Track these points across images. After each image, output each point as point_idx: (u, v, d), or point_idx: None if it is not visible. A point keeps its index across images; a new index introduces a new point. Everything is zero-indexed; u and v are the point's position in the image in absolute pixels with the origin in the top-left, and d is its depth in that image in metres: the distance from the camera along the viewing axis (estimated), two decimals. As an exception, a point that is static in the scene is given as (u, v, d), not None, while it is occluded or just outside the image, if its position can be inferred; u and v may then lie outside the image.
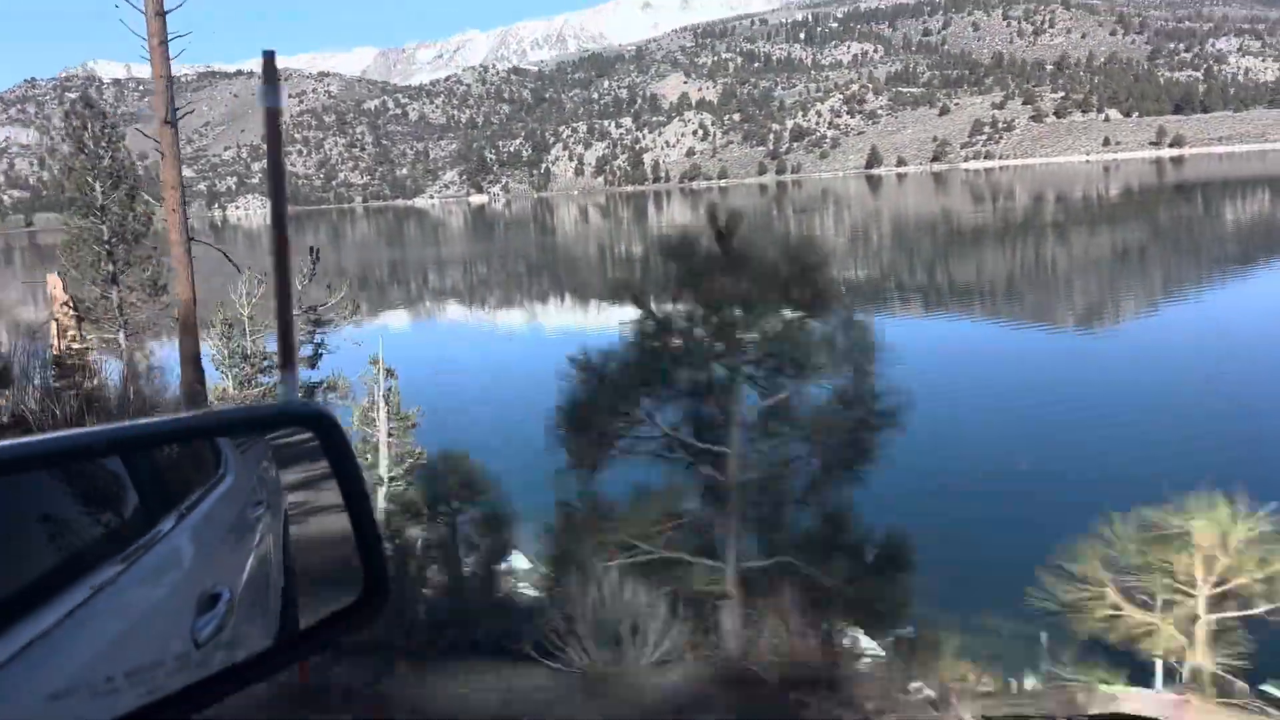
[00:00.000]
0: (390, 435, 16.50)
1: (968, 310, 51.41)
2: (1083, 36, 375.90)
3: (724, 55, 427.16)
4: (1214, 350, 33.58)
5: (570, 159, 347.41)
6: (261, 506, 1.62)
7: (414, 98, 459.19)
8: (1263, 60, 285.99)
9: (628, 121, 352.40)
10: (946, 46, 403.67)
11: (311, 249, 19.81)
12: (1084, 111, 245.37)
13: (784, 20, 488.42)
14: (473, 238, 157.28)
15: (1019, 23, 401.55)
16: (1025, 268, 69.68)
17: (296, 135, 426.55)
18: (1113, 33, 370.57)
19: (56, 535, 1.08)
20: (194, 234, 14.27)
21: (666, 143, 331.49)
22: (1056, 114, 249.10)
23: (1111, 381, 31.09)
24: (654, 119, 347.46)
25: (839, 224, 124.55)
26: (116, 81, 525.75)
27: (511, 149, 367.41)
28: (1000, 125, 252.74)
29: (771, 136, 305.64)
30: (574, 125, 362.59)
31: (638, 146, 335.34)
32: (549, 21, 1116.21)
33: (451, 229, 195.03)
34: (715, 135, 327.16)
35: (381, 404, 16.40)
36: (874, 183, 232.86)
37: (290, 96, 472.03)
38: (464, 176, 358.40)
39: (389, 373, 17.36)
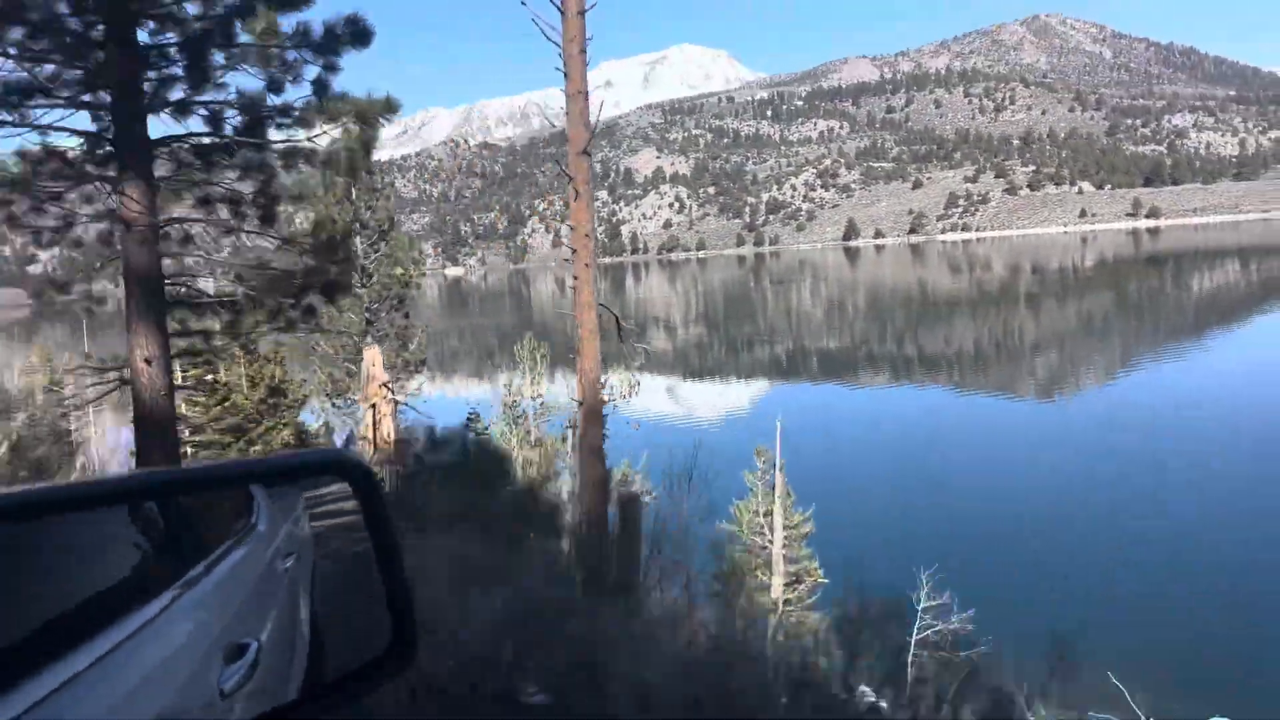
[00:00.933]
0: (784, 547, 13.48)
1: (941, 380, 50.11)
2: (1042, 113, 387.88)
3: (694, 131, 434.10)
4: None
5: (547, 231, 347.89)
6: (292, 557, 1.62)
7: (384, 171, 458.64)
8: (1221, 135, 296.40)
9: (604, 194, 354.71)
10: (910, 123, 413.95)
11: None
12: (1056, 184, 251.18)
13: (749, 99, 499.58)
14: (510, 306, 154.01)
15: (980, 100, 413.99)
16: (1008, 337, 68.56)
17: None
18: (1071, 109, 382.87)
19: (89, 578, 1.07)
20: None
21: (644, 215, 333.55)
22: (1030, 187, 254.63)
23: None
24: (629, 192, 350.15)
25: (816, 295, 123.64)
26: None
27: (487, 222, 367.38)
28: (975, 198, 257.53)
29: (747, 209, 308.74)
30: (550, 198, 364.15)
31: (615, 219, 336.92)
32: (512, 99, 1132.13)
33: (461, 298, 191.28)
34: (691, 207, 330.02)
35: (778, 506, 13.43)
36: (852, 254, 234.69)
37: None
38: (439, 249, 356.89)
39: (775, 464, 14.36)
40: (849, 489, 24.54)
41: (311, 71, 7.93)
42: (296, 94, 7.86)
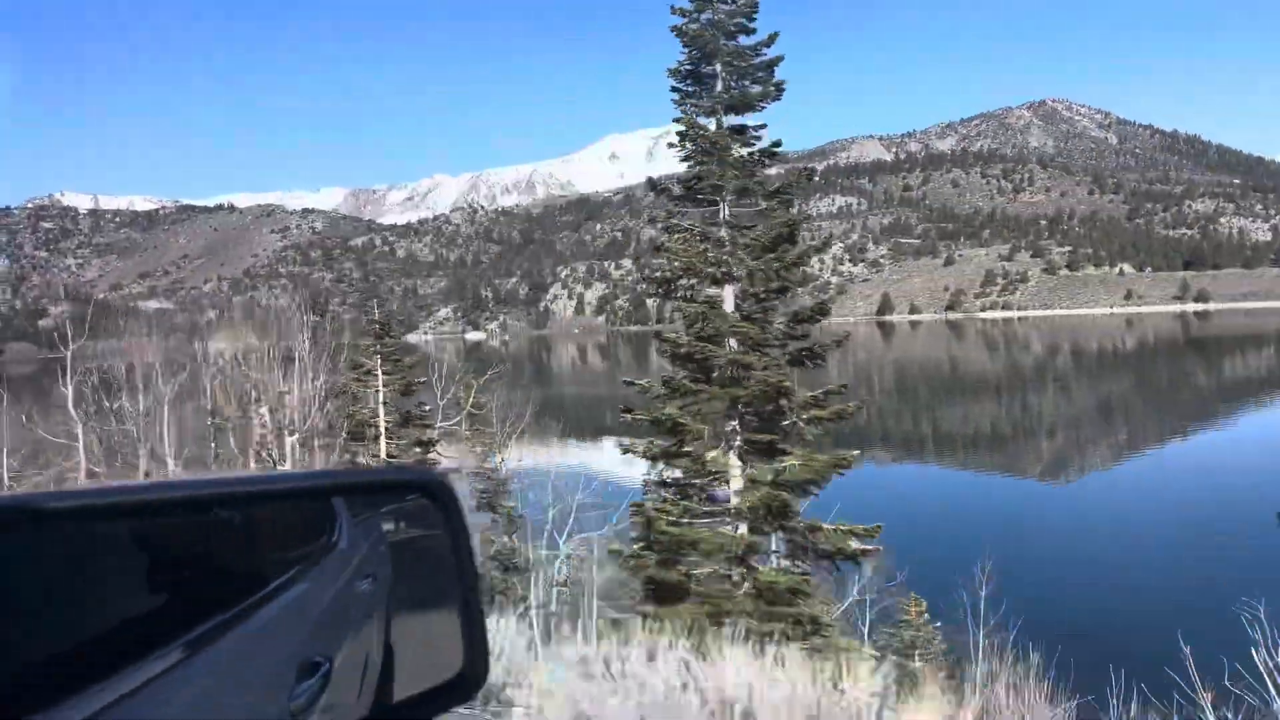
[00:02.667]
0: None
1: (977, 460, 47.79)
2: (1061, 195, 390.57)
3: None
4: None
5: (570, 297, 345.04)
6: (369, 579, 1.62)
7: (402, 235, 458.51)
8: (1253, 221, 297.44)
9: (628, 263, 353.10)
10: (928, 201, 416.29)
11: None
12: (1096, 265, 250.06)
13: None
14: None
15: (998, 180, 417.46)
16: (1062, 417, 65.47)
17: (281, 270, 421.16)
18: (1090, 192, 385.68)
19: (168, 585, 1.07)
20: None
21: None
22: (1069, 267, 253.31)
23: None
24: (654, 261, 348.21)
25: (889, 371, 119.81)
26: (93, 212, 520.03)
27: (508, 287, 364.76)
28: (1013, 276, 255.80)
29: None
30: (573, 265, 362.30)
31: (639, 287, 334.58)
32: (518, 168, 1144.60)
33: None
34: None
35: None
36: (887, 329, 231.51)
37: (273, 232, 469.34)
38: (459, 313, 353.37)
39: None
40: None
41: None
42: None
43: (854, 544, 12.34)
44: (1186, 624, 9.28)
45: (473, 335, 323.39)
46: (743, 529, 12.79)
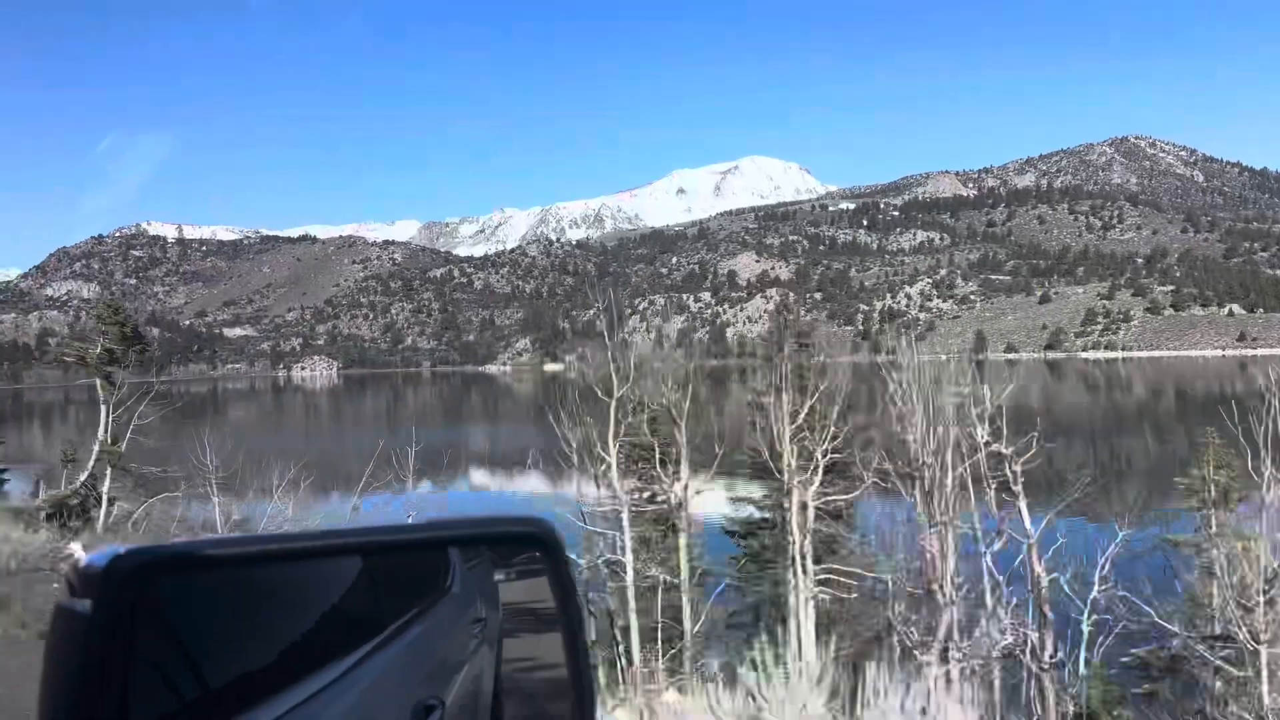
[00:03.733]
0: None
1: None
2: (1153, 233, 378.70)
3: (791, 237, 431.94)
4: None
5: (649, 330, 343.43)
6: (480, 624, 1.67)
7: (479, 267, 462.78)
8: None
9: (706, 296, 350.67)
10: (1013, 237, 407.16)
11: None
12: (1204, 305, 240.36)
13: (836, 207, 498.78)
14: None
15: (1087, 217, 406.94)
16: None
17: (363, 300, 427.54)
18: (1183, 230, 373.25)
19: (291, 630, 1.14)
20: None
21: (749, 318, 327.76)
22: (1174, 307, 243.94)
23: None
24: (734, 294, 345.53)
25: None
26: (181, 240, 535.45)
27: (586, 319, 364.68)
28: (1116, 315, 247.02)
29: (860, 316, 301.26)
30: (650, 298, 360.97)
31: (719, 321, 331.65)
32: (586, 202, 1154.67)
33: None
34: (799, 312, 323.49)
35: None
36: (981, 367, 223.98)
37: (355, 263, 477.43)
38: (536, 344, 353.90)
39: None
40: None
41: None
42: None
43: None
44: None
45: (551, 367, 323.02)
46: None
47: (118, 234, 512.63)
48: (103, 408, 26.17)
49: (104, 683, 0.84)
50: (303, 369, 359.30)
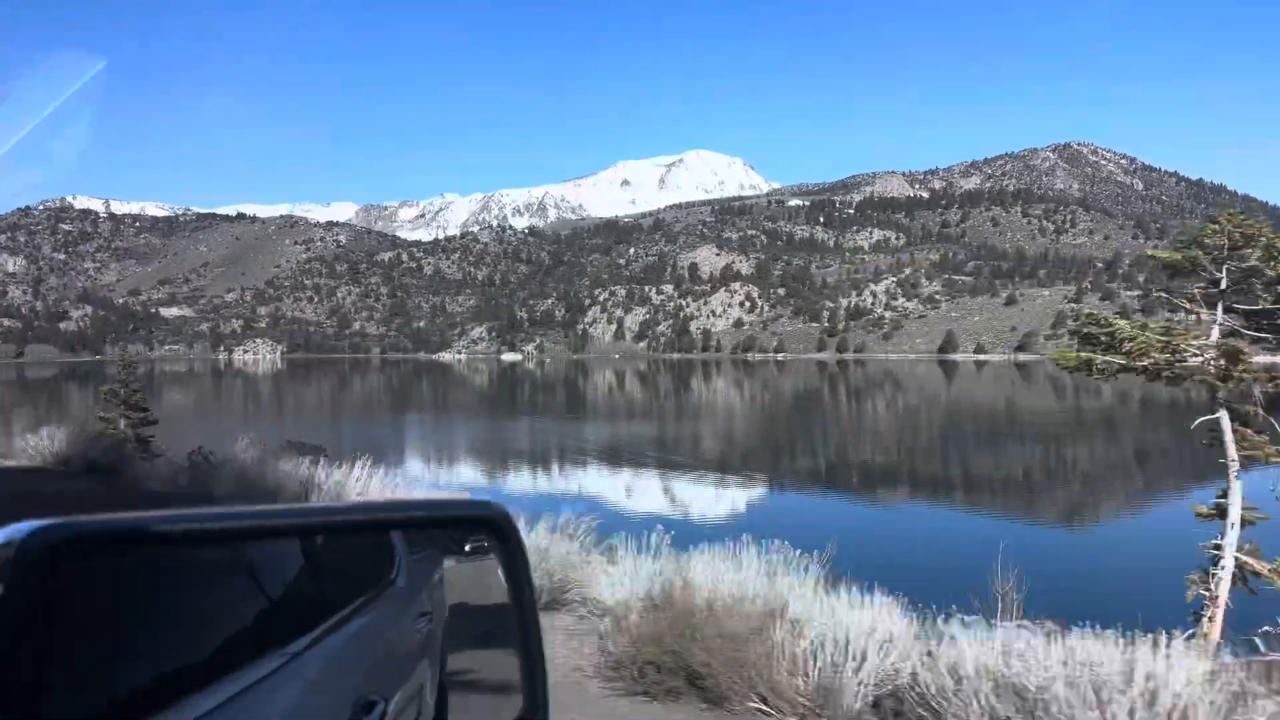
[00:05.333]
0: None
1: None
2: (1105, 238, 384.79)
3: (749, 232, 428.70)
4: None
5: (610, 322, 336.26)
6: (426, 618, 1.60)
7: (429, 252, 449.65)
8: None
9: (669, 288, 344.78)
10: (966, 239, 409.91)
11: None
12: (1172, 310, 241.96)
13: (784, 202, 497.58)
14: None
15: (1040, 221, 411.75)
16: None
17: (306, 282, 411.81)
18: (1134, 236, 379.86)
19: (225, 617, 1.06)
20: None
21: (713, 312, 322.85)
22: (1143, 310, 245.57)
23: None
24: (696, 288, 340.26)
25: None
26: (112, 215, 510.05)
27: (543, 308, 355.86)
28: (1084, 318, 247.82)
29: (825, 313, 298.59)
30: (612, 289, 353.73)
31: (682, 314, 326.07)
32: (529, 190, 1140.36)
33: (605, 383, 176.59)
34: (763, 307, 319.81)
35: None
36: (949, 368, 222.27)
37: (296, 243, 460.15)
38: (493, 333, 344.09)
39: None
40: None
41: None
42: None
43: None
44: None
45: (508, 356, 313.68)
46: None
47: (43, 206, 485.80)
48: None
49: (14, 674, 0.76)
50: (245, 352, 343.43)
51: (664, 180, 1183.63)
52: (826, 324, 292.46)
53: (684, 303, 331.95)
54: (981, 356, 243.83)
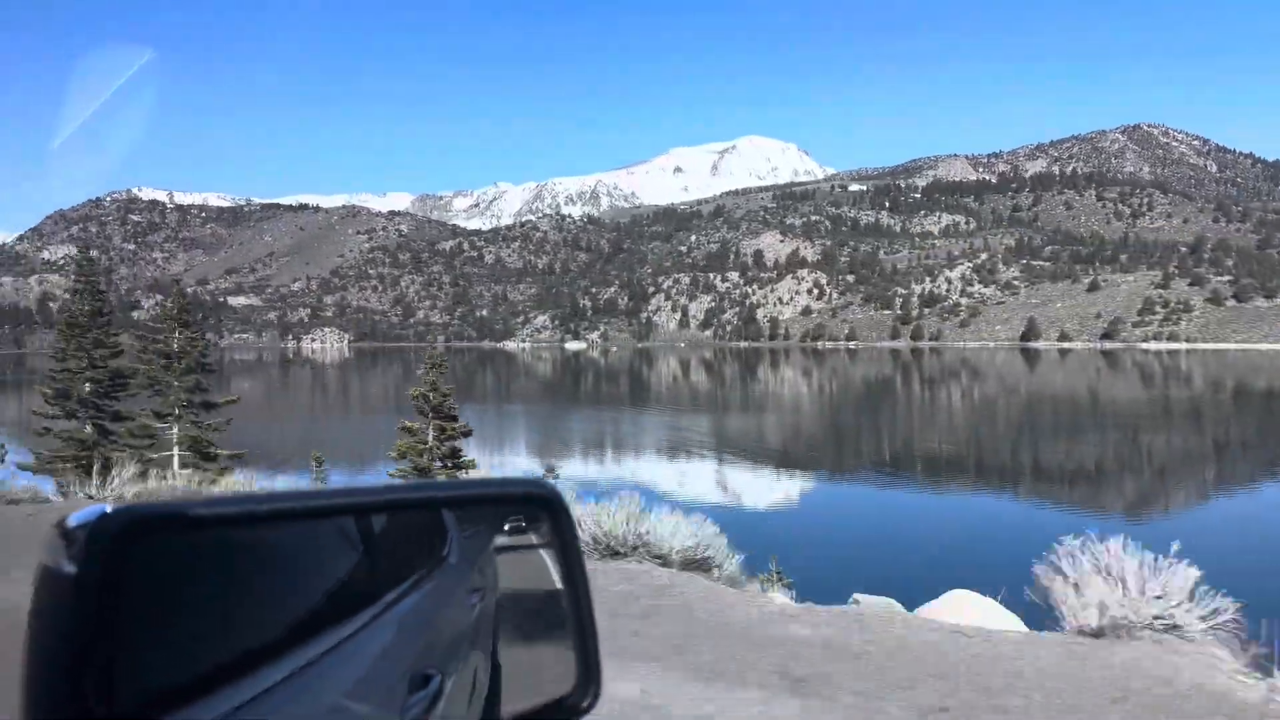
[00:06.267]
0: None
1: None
2: (1184, 222, 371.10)
3: (813, 218, 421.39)
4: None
5: (674, 309, 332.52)
6: (479, 594, 1.62)
7: (489, 241, 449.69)
8: None
9: (733, 275, 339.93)
10: (1039, 223, 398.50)
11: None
12: (1269, 297, 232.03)
13: (848, 187, 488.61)
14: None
15: (1115, 204, 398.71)
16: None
17: (370, 271, 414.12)
18: (1215, 220, 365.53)
19: (285, 596, 1.11)
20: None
21: (779, 299, 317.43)
22: (1236, 297, 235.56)
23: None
24: (762, 275, 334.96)
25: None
26: (179, 207, 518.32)
27: (606, 296, 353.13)
28: (1175, 305, 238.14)
29: (898, 300, 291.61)
30: (675, 276, 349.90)
31: (748, 302, 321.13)
32: (582, 179, 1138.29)
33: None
34: (831, 295, 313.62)
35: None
36: (1031, 357, 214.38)
37: (359, 233, 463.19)
38: (556, 321, 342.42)
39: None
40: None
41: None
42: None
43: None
44: None
45: (572, 345, 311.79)
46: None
47: (111, 198, 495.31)
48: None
49: (89, 649, 0.81)
50: (313, 340, 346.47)
51: (716, 167, 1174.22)
52: (899, 311, 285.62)
53: (749, 290, 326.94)
54: (1066, 344, 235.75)
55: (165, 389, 26.91)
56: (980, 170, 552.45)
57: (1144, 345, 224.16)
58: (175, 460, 25.95)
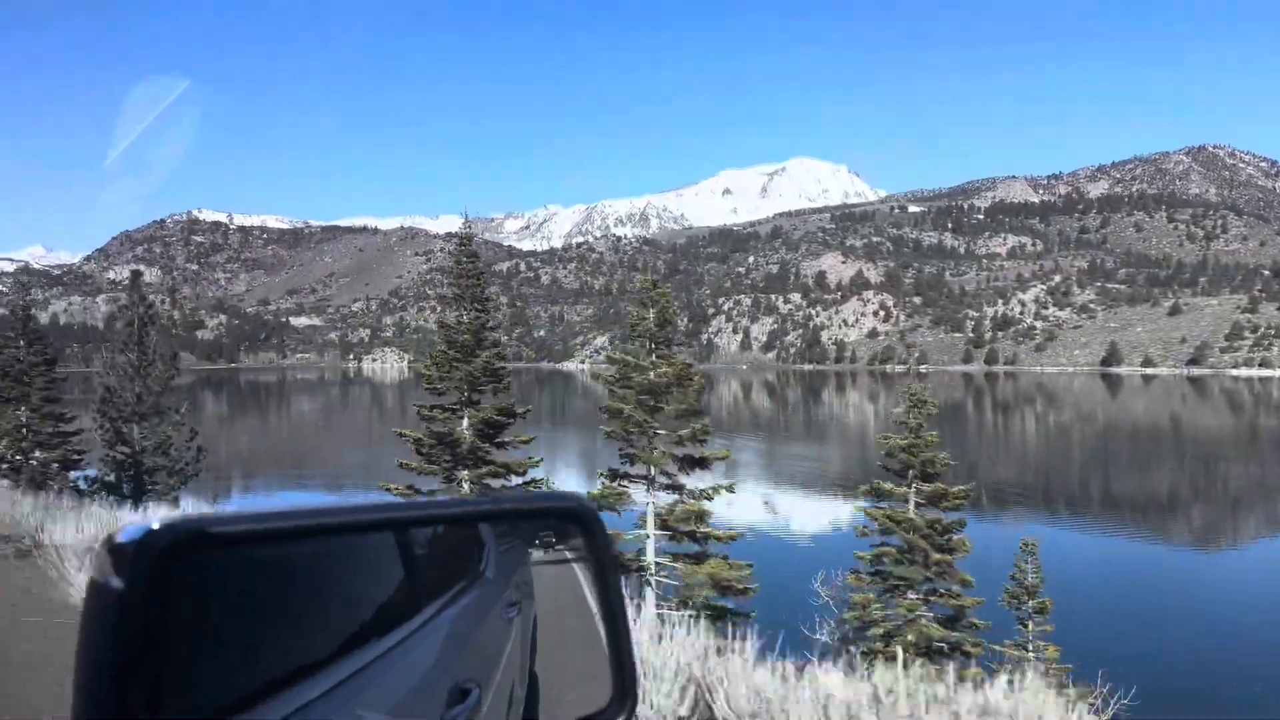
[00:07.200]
0: None
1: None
2: (1261, 244, 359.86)
3: (874, 239, 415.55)
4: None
5: (735, 331, 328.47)
6: (515, 607, 1.63)
7: (545, 261, 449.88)
8: None
9: (796, 297, 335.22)
10: (1108, 245, 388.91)
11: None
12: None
13: (908, 208, 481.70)
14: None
15: (1188, 226, 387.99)
16: None
17: (429, 292, 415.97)
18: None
19: (329, 610, 1.13)
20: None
21: (844, 321, 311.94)
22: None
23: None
24: (825, 296, 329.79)
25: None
26: (241, 228, 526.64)
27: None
28: (1267, 330, 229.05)
29: (969, 323, 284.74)
30: (735, 298, 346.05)
31: (812, 324, 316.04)
32: (631, 201, 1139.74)
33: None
34: (899, 317, 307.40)
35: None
36: (1113, 382, 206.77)
37: (416, 254, 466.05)
38: (615, 342, 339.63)
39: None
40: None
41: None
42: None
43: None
44: None
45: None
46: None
47: (172, 219, 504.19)
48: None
49: (137, 661, 0.83)
50: (373, 360, 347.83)
51: (766, 189, 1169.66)
52: (971, 334, 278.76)
53: (813, 312, 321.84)
54: (1149, 370, 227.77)
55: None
56: (1040, 192, 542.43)
57: (1233, 371, 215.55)
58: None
